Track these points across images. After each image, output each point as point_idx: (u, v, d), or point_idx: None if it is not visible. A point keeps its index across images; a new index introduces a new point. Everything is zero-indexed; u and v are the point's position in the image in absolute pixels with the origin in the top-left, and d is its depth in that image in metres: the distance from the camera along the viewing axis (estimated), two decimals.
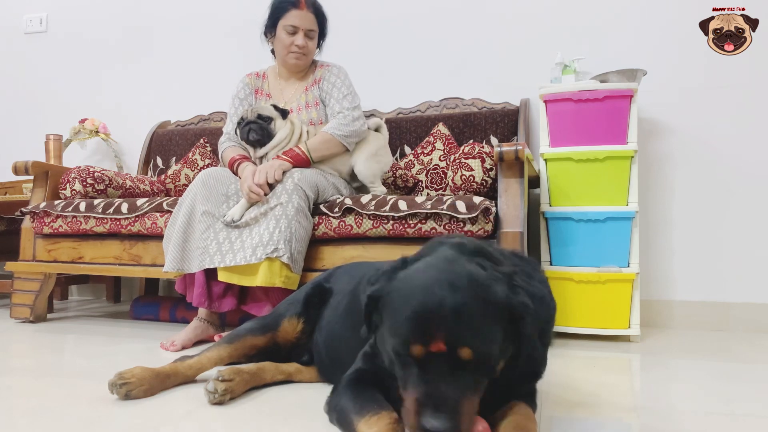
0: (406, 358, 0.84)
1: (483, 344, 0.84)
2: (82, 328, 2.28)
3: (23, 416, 1.16)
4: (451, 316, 0.82)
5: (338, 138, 2.19)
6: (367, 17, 2.98)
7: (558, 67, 2.43)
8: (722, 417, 1.19)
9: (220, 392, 1.21)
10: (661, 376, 1.60)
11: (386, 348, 0.90)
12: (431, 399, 0.81)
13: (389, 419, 0.89)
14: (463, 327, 0.82)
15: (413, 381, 0.83)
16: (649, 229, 2.48)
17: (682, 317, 2.43)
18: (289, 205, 1.92)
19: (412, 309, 0.84)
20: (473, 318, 0.83)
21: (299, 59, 2.29)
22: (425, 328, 0.82)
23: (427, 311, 0.83)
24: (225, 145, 2.31)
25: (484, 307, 0.85)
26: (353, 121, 2.22)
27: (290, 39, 2.26)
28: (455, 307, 0.82)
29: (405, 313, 0.85)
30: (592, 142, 2.14)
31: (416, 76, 2.89)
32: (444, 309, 0.82)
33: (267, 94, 2.39)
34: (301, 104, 2.32)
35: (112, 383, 1.24)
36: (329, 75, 2.32)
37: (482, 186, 2.16)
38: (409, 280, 0.89)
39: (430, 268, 0.90)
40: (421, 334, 0.82)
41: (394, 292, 0.90)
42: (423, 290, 0.85)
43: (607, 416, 1.20)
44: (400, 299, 0.88)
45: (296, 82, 2.38)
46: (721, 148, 2.44)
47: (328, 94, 2.30)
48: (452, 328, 0.82)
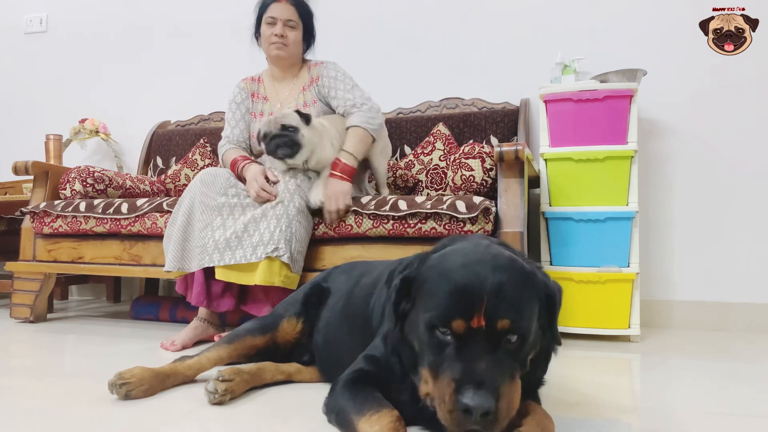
0: (442, 336, 0.83)
1: (522, 319, 0.83)
2: (82, 328, 2.28)
3: (23, 416, 1.16)
4: (492, 291, 0.81)
5: (370, 131, 2.15)
6: (367, 18, 2.98)
7: (558, 67, 2.43)
8: (722, 417, 1.19)
9: (221, 392, 1.21)
10: (661, 376, 1.60)
11: (419, 330, 0.87)
12: (471, 376, 0.78)
13: (391, 417, 0.89)
14: (504, 301, 0.82)
15: (449, 361, 0.81)
16: (649, 229, 2.48)
17: (682, 317, 2.43)
18: (291, 205, 1.92)
19: (454, 284, 0.83)
20: (514, 293, 0.83)
21: (280, 49, 2.27)
22: (467, 302, 0.81)
23: (469, 286, 0.82)
24: (225, 148, 2.31)
25: (524, 284, 0.86)
26: (377, 112, 2.21)
27: (270, 30, 2.26)
28: (497, 282, 0.82)
29: (445, 288, 0.84)
30: (592, 142, 2.14)
31: (416, 76, 2.89)
32: (486, 284, 0.82)
33: (264, 96, 2.38)
34: (299, 104, 2.31)
35: (112, 383, 1.24)
36: (325, 71, 2.31)
37: (482, 186, 2.16)
38: (446, 261, 0.88)
39: (467, 250, 0.90)
40: (462, 308, 0.81)
41: (430, 272, 0.89)
42: (463, 267, 0.85)
43: (607, 416, 1.20)
44: (438, 277, 0.86)
45: (290, 82, 2.37)
46: (721, 148, 2.44)
47: (331, 88, 2.27)
48: (493, 302, 0.81)
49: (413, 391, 0.96)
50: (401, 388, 0.98)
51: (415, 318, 0.89)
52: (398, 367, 0.98)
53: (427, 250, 0.98)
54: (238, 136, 2.32)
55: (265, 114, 2.32)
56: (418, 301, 0.88)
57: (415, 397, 0.96)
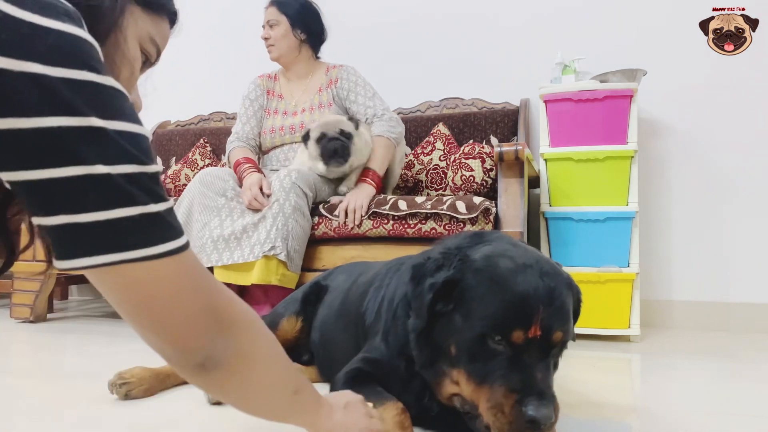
0: (494, 345, 0.81)
1: (570, 327, 0.85)
2: (82, 328, 2.28)
3: (23, 416, 1.16)
4: (546, 300, 0.81)
5: (392, 141, 2.22)
6: (367, 18, 2.98)
7: (558, 67, 2.43)
8: (722, 417, 1.19)
9: None
10: (661, 376, 1.60)
11: (463, 336, 0.84)
12: (533, 388, 0.78)
13: (396, 408, 0.89)
14: (557, 311, 0.82)
15: (503, 370, 0.80)
16: (649, 229, 2.48)
17: (682, 317, 2.43)
18: (286, 203, 1.92)
19: (510, 293, 0.82)
20: (563, 301, 0.84)
21: (270, 51, 2.36)
22: (525, 312, 0.80)
23: (526, 295, 0.81)
24: (233, 144, 2.33)
25: (568, 290, 0.86)
26: (398, 122, 2.27)
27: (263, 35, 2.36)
28: (549, 290, 0.82)
29: (501, 297, 0.82)
30: (592, 142, 2.14)
31: (416, 76, 2.89)
32: (540, 292, 0.81)
33: (279, 95, 2.43)
34: (314, 104, 2.34)
35: (112, 383, 1.24)
36: (345, 74, 2.35)
37: (482, 186, 2.16)
38: (496, 267, 0.85)
39: (511, 253, 0.87)
40: (521, 319, 0.80)
41: (478, 277, 0.85)
42: (516, 274, 0.83)
43: (607, 416, 1.20)
44: (490, 284, 0.84)
45: (304, 82, 2.41)
46: (721, 148, 2.44)
47: (351, 91, 2.32)
48: (548, 312, 0.81)
49: (420, 391, 0.96)
50: (407, 387, 0.97)
51: (457, 322, 0.86)
52: (404, 367, 0.97)
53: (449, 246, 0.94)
54: (248, 133, 2.37)
55: (279, 112, 2.37)
56: (463, 305, 0.85)
57: (420, 396, 0.96)
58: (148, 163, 0.55)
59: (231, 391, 0.68)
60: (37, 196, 0.51)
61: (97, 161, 0.51)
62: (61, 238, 0.53)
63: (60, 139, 0.50)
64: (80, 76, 0.51)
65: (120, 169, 0.52)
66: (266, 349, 0.69)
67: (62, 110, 0.50)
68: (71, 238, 0.52)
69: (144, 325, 0.59)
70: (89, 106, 0.51)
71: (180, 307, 0.58)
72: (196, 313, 0.59)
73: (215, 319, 0.61)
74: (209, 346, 0.61)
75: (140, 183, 0.54)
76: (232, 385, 0.66)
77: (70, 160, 0.50)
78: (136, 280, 0.55)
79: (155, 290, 0.56)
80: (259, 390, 0.70)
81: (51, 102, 0.49)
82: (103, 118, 0.52)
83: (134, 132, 0.55)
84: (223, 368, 0.63)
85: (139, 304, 0.57)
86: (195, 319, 0.59)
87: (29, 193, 0.52)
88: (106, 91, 0.53)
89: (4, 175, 0.51)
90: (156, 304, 0.57)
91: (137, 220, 0.53)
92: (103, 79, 0.53)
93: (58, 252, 0.54)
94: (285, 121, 2.35)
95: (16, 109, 0.48)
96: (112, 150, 0.52)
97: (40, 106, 0.49)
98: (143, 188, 0.54)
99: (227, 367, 0.63)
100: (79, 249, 0.53)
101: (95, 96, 0.52)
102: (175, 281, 0.57)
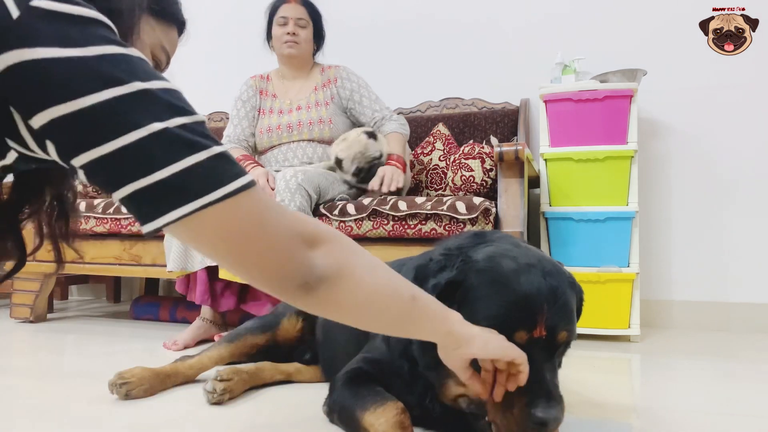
0: None
1: (574, 326, 0.85)
2: (82, 328, 2.28)
3: (23, 416, 1.16)
4: (550, 300, 0.81)
5: (404, 136, 2.33)
6: (366, 18, 2.98)
7: (558, 67, 2.43)
8: (722, 417, 1.19)
9: (219, 392, 1.21)
10: (661, 376, 1.60)
11: None
12: (541, 388, 0.79)
13: (396, 409, 0.89)
14: (561, 310, 0.82)
15: None
16: (649, 229, 2.48)
17: (682, 317, 2.43)
18: (291, 204, 1.92)
19: (513, 294, 0.82)
20: (567, 300, 0.84)
21: (292, 47, 2.32)
22: (529, 313, 0.80)
23: (530, 296, 0.81)
24: (227, 147, 2.31)
25: (571, 289, 0.87)
26: (406, 123, 2.38)
27: (282, 30, 2.32)
28: (552, 290, 0.82)
29: (504, 298, 0.82)
30: (592, 142, 2.14)
31: (416, 76, 2.89)
32: (543, 292, 0.81)
33: (273, 94, 2.42)
34: (310, 102, 2.34)
35: (113, 383, 1.24)
36: (345, 74, 2.38)
37: (482, 186, 2.16)
38: (498, 267, 0.85)
39: (513, 253, 0.87)
40: (525, 320, 0.80)
41: (480, 278, 0.85)
42: (518, 274, 0.83)
43: (607, 416, 1.20)
44: (493, 285, 0.84)
45: (300, 81, 2.40)
46: (721, 148, 2.44)
47: (356, 93, 2.36)
48: (552, 311, 0.81)
49: (423, 392, 0.95)
50: (410, 388, 0.97)
51: None
52: (407, 369, 0.97)
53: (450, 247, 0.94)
54: (239, 135, 2.36)
55: (275, 111, 2.37)
56: (467, 307, 0.85)
57: (423, 397, 0.96)
58: (195, 113, 0.59)
59: (344, 306, 0.68)
60: (112, 170, 0.55)
61: (152, 120, 0.55)
62: (144, 202, 0.56)
63: (115, 109, 0.54)
64: (112, 51, 0.56)
65: (174, 122, 0.56)
66: (362, 258, 0.70)
67: (108, 83, 0.54)
68: (154, 199, 0.55)
69: (240, 264, 0.61)
70: (128, 73, 0.55)
71: (266, 235, 0.60)
72: (283, 238, 0.62)
73: (302, 238, 0.63)
74: (306, 264, 0.63)
75: (195, 130, 0.57)
76: (343, 299, 0.67)
77: (130, 126, 0.54)
78: (221, 221, 0.57)
79: (240, 225, 0.59)
80: (371, 299, 0.69)
81: (96, 78, 0.53)
82: (144, 81, 0.56)
83: (172, 88, 0.59)
84: (327, 282, 0.64)
85: (229, 244, 0.59)
86: (284, 244, 0.62)
87: (103, 170, 0.55)
88: (136, 59, 0.58)
89: (76, 161, 0.55)
90: (244, 239, 0.59)
91: (206, 164, 0.56)
92: (129, 50, 0.58)
93: (144, 217, 0.57)
94: (281, 119, 2.34)
95: (71, 92, 0.53)
96: (160, 107, 0.56)
97: (89, 84, 0.53)
98: (200, 134, 0.58)
99: (331, 281, 0.65)
100: (164, 206, 0.55)
101: (129, 64, 0.56)
102: (255, 213, 0.60)
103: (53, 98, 0.53)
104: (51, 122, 0.53)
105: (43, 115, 0.53)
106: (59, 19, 0.54)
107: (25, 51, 0.52)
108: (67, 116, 0.53)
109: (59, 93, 0.53)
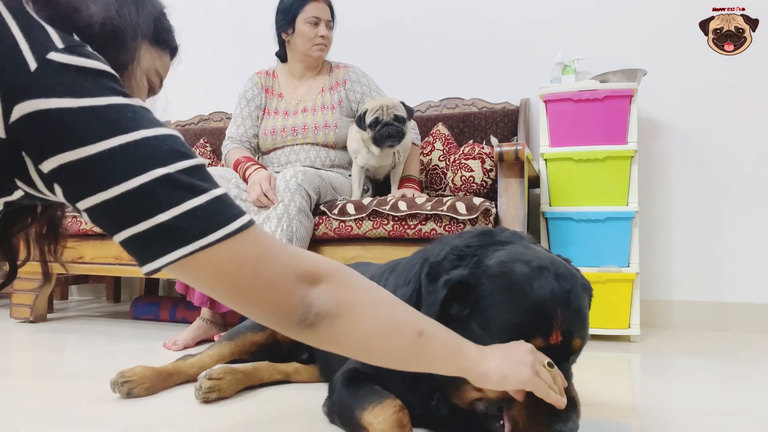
0: None
1: (588, 329, 0.85)
2: (82, 328, 2.28)
3: (23, 416, 1.16)
4: (565, 304, 0.81)
5: (419, 148, 2.34)
6: (366, 18, 2.98)
7: (558, 67, 2.43)
8: (722, 417, 1.19)
9: (205, 389, 1.20)
10: (661, 376, 1.60)
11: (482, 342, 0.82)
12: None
13: (394, 407, 0.89)
14: (576, 315, 0.82)
15: None
16: (649, 229, 2.48)
17: (682, 317, 2.43)
18: (291, 204, 1.92)
19: (529, 300, 0.81)
20: (581, 303, 0.83)
21: (323, 51, 2.31)
22: (546, 319, 0.80)
23: (546, 302, 0.81)
24: (228, 147, 2.30)
25: (583, 291, 0.86)
26: (417, 127, 2.37)
27: (314, 31, 2.26)
28: (566, 293, 0.81)
29: (520, 304, 0.81)
30: (592, 142, 2.14)
31: (416, 76, 2.88)
32: (558, 297, 0.81)
33: (279, 93, 2.37)
34: (317, 105, 2.31)
35: (114, 382, 1.24)
36: (355, 76, 2.35)
37: (482, 187, 2.16)
38: (511, 272, 0.84)
39: (525, 257, 0.86)
40: (541, 326, 0.80)
41: (494, 283, 0.84)
42: (532, 279, 0.82)
43: (607, 416, 1.20)
44: (508, 291, 0.83)
45: (310, 80, 2.37)
46: (721, 148, 2.44)
47: (367, 96, 2.33)
48: (567, 317, 0.80)
49: (427, 392, 0.95)
50: (412, 389, 0.97)
51: (475, 330, 0.85)
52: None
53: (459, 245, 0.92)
54: (242, 135, 2.33)
55: (280, 112, 2.33)
56: (480, 313, 0.84)
57: (426, 398, 0.95)
58: (195, 157, 0.61)
59: (345, 342, 0.69)
60: (116, 213, 0.58)
61: (156, 166, 0.58)
62: (146, 244, 0.58)
63: (120, 155, 0.57)
64: (118, 101, 0.60)
65: (176, 167, 0.59)
66: (366, 293, 0.71)
67: (115, 131, 0.57)
68: (155, 240, 0.58)
69: (239, 302, 0.63)
70: (133, 122, 0.59)
71: (264, 274, 0.62)
72: (281, 276, 0.63)
73: (301, 276, 0.65)
74: (304, 302, 0.64)
75: (196, 174, 0.60)
76: (342, 335, 0.68)
77: (134, 171, 0.57)
78: (219, 261, 0.60)
79: (239, 265, 0.61)
80: (373, 336, 0.70)
81: (104, 127, 0.57)
82: (147, 128, 0.59)
83: (174, 134, 0.62)
84: (329, 319, 0.66)
85: (228, 283, 0.61)
86: (282, 282, 0.63)
87: (108, 213, 0.58)
88: (139, 108, 0.61)
89: (81, 204, 0.58)
90: (242, 278, 0.61)
91: (206, 207, 0.59)
92: (133, 101, 0.61)
93: (144, 258, 0.59)
94: (286, 121, 2.32)
95: (81, 140, 0.56)
96: (163, 153, 0.59)
97: (98, 132, 0.57)
98: (201, 178, 0.60)
99: (332, 318, 0.66)
100: (164, 247, 0.58)
101: (134, 113, 0.60)
102: (254, 252, 0.62)
103: (64, 145, 0.56)
104: (60, 167, 0.56)
105: (54, 161, 0.56)
106: (72, 71, 0.58)
107: (41, 101, 0.55)
108: (75, 162, 0.56)
109: (69, 140, 0.56)
